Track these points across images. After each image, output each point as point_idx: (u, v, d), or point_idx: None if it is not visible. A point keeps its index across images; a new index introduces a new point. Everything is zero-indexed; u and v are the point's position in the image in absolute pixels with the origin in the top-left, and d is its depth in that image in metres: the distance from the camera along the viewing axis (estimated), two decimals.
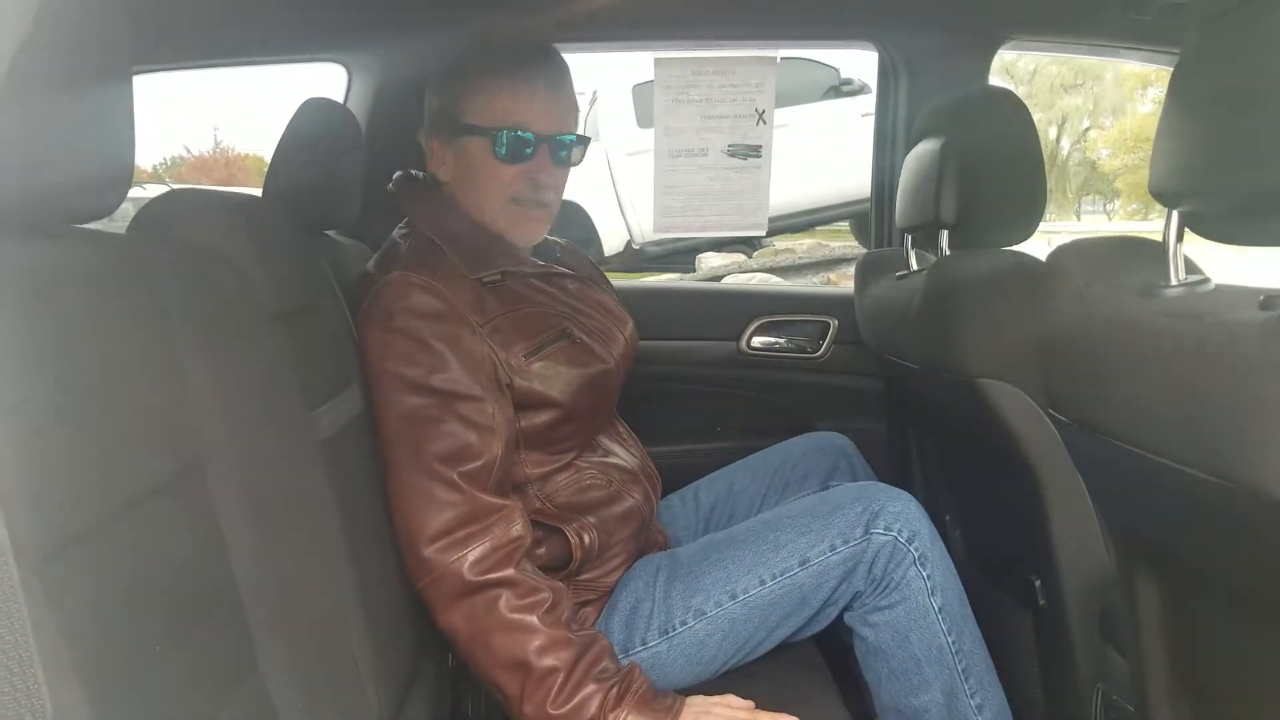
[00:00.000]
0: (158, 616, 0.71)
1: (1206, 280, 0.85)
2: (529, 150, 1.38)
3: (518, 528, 1.27)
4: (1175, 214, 0.85)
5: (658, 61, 2.01)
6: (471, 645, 1.24)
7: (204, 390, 0.84)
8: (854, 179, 6.43)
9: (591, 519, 1.41)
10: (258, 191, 1.52)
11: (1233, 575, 0.84)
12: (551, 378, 1.37)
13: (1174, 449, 0.77)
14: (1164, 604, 1.00)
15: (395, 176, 1.51)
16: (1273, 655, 0.84)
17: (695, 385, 2.16)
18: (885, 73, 2.09)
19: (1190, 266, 0.93)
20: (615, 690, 1.21)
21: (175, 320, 0.83)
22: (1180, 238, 0.86)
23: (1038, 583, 1.49)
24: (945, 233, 1.58)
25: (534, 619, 1.22)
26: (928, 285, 1.50)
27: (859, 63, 6.68)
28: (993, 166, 1.52)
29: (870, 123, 6.67)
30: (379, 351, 1.29)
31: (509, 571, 1.24)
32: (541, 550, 1.36)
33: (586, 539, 1.39)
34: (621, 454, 1.52)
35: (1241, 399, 0.67)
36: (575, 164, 1.45)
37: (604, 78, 6.35)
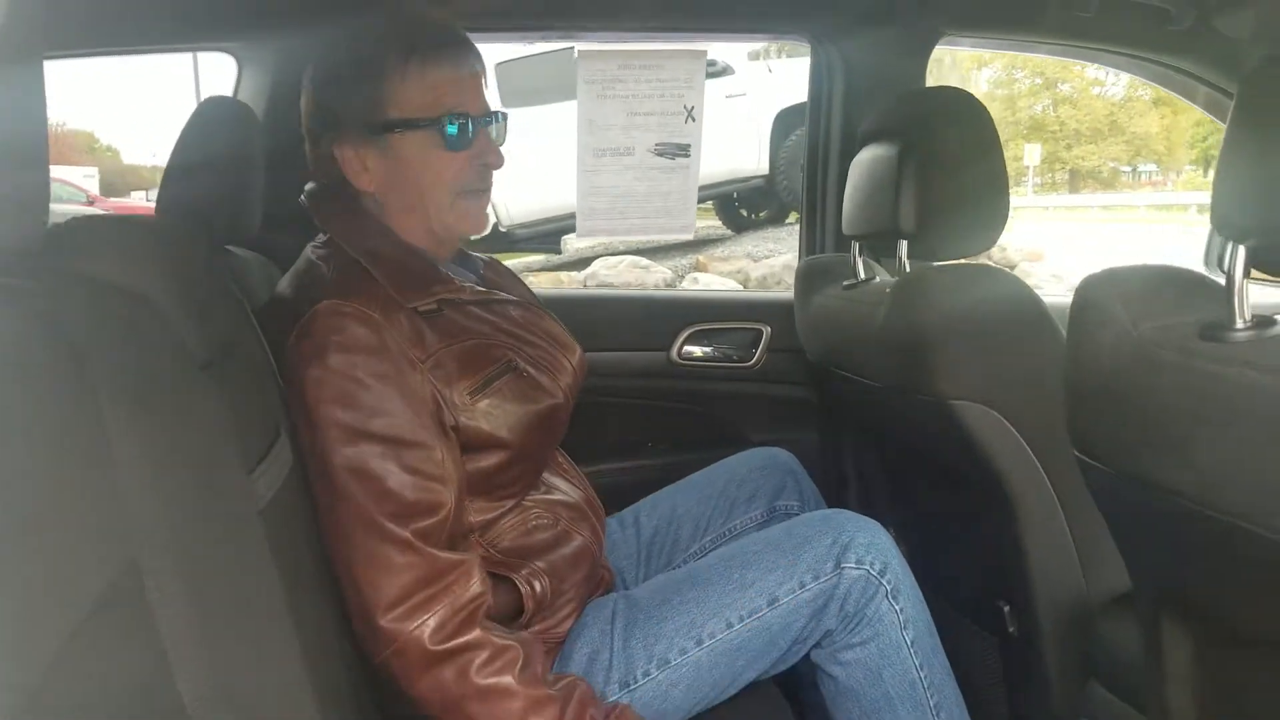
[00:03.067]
0: None
1: (1275, 322, 0.78)
2: (473, 135, 1.24)
3: (476, 584, 1.15)
4: (1242, 250, 0.79)
5: (581, 54, 1.88)
6: (447, 717, 1.13)
7: (135, 468, 0.69)
8: (719, 160, 6.51)
9: (540, 564, 1.30)
10: (81, 170, 1.33)
11: None
12: (499, 416, 1.24)
13: (1263, 516, 0.71)
14: (1198, 658, 0.95)
15: (309, 188, 1.32)
16: None
17: (624, 399, 2.06)
18: (819, 69, 2.01)
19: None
20: None
21: (100, 388, 0.67)
22: (1247, 274, 0.79)
23: (1006, 609, 1.45)
24: (904, 243, 1.51)
25: (510, 680, 1.12)
26: (898, 302, 1.42)
27: (720, 45, 6.70)
28: (955, 173, 1.46)
29: (734, 104, 6.72)
30: (313, 394, 1.13)
31: (475, 633, 1.13)
32: (490, 598, 1.23)
33: (538, 586, 1.27)
34: (565, 488, 1.40)
35: None
36: (503, 142, 1.32)
37: None
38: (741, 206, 7.80)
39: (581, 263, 7.12)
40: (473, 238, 1.38)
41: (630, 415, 2.07)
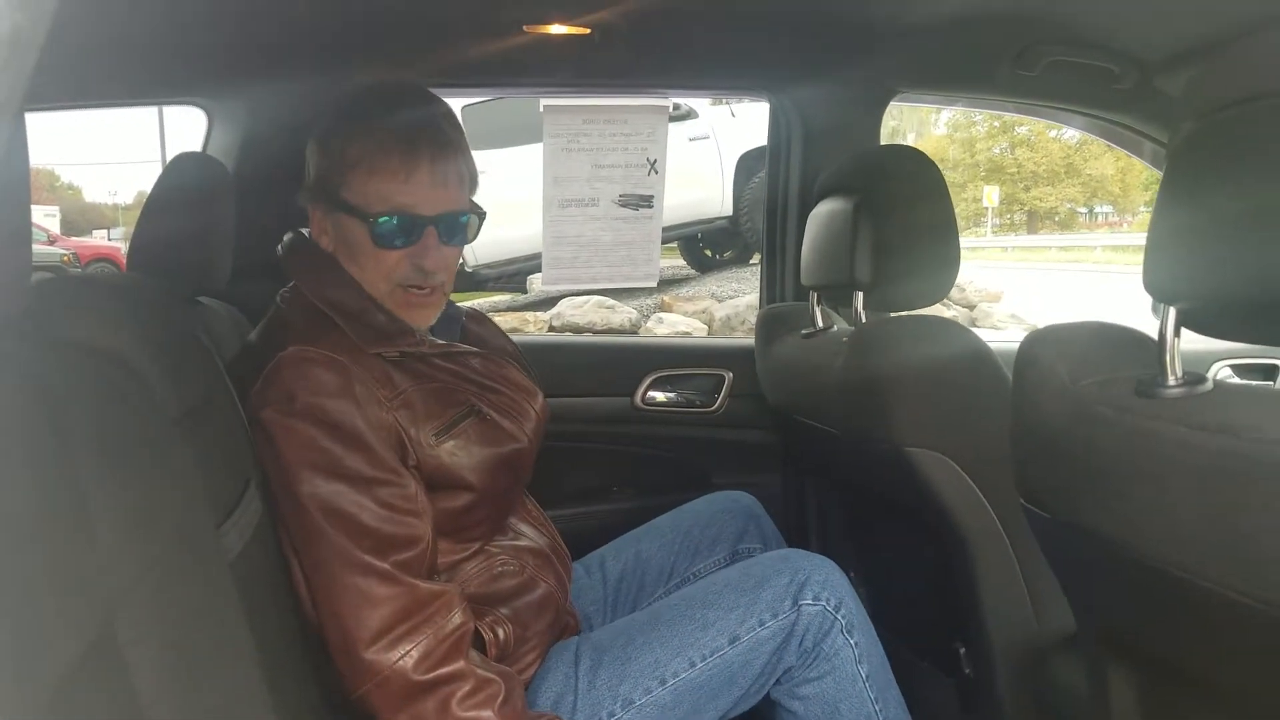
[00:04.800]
0: None
1: (1203, 380, 0.83)
2: (414, 236, 1.24)
3: (458, 615, 1.17)
4: (1172, 311, 0.83)
5: (546, 109, 1.92)
6: None
7: (111, 526, 0.71)
8: (683, 202, 6.60)
9: (505, 610, 1.31)
10: (43, 209, 1.34)
11: (1254, 687, 0.82)
12: (463, 457, 1.26)
13: (1208, 569, 0.74)
14: (1143, 698, 0.98)
15: (286, 238, 1.35)
16: None
17: (589, 444, 2.08)
18: (777, 124, 2.07)
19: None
20: None
21: (78, 448, 0.69)
22: (1177, 334, 0.83)
23: (962, 650, 1.48)
24: (860, 294, 1.56)
25: (490, 714, 1.13)
26: (854, 353, 1.47)
27: None
28: (908, 229, 1.51)
29: (698, 146, 6.80)
30: (283, 441, 1.15)
31: (459, 664, 1.14)
32: (473, 626, 1.25)
33: (501, 634, 1.29)
34: (531, 534, 1.42)
35: None
36: (470, 240, 1.32)
37: None
38: (706, 247, 7.89)
39: (547, 303, 7.15)
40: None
41: (595, 460, 2.10)
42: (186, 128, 1.94)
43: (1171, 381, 0.82)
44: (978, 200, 26.25)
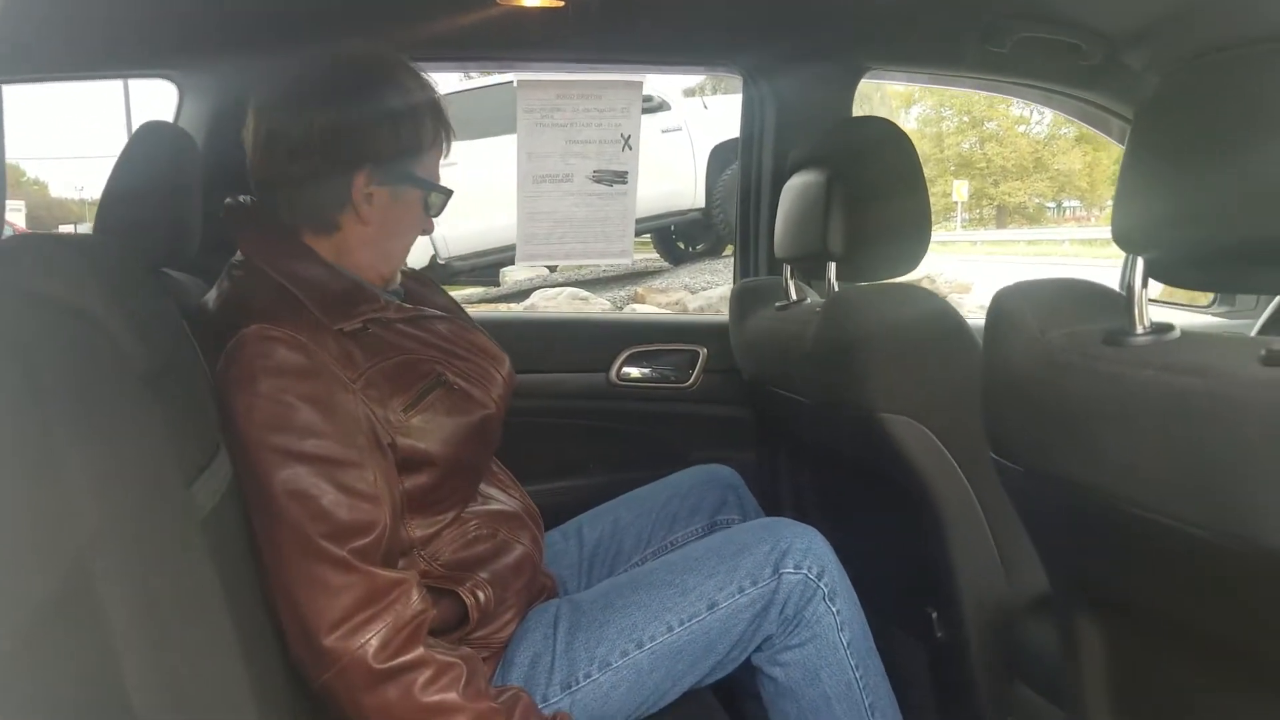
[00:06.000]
0: None
1: (1172, 327, 0.85)
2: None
3: (417, 601, 1.17)
4: (1140, 261, 0.85)
5: (520, 84, 1.92)
6: None
7: (81, 475, 0.71)
8: (657, 194, 6.61)
9: (484, 574, 1.31)
10: (9, 203, 1.32)
11: (1213, 624, 0.84)
12: (433, 431, 1.26)
13: (1169, 506, 0.76)
14: (1110, 647, 1.00)
15: (226, 203, 1.34)
16: (1240, 701, 0.85)
17: (566, 419, 2.08)
18: (751, 101, 2.08)
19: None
20: None
21: (48, 397, 0.69)
22: (1145, 284, 0.85)
23: (934, 615, 1.50)
24: (833, 265, 1.57)
25: (455, 696, 1.13)
26: (827, 321, 1.48)
27: (656, 80, 6.81)
28: (880, 199, 1.53)
29: (670, 138, 6.79)
30: (244, 419, 1.13)
31: (418, 651, 1.14)
32: (433, 614, 1.24)
33: (482, 596, 1.29)
34: (502, 498, 1.42)
35: (1267, 463, 0.66)
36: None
37: None
38: (679, 239, 7.90)
39: (520, 295, 7.14)
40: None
41: (571, 435, 2.10)
42: (154, 110, 1.91)
43: (1139, 330, 0.84)
44: (947, 195, 26.40)
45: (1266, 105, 0.72)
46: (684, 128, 7.14)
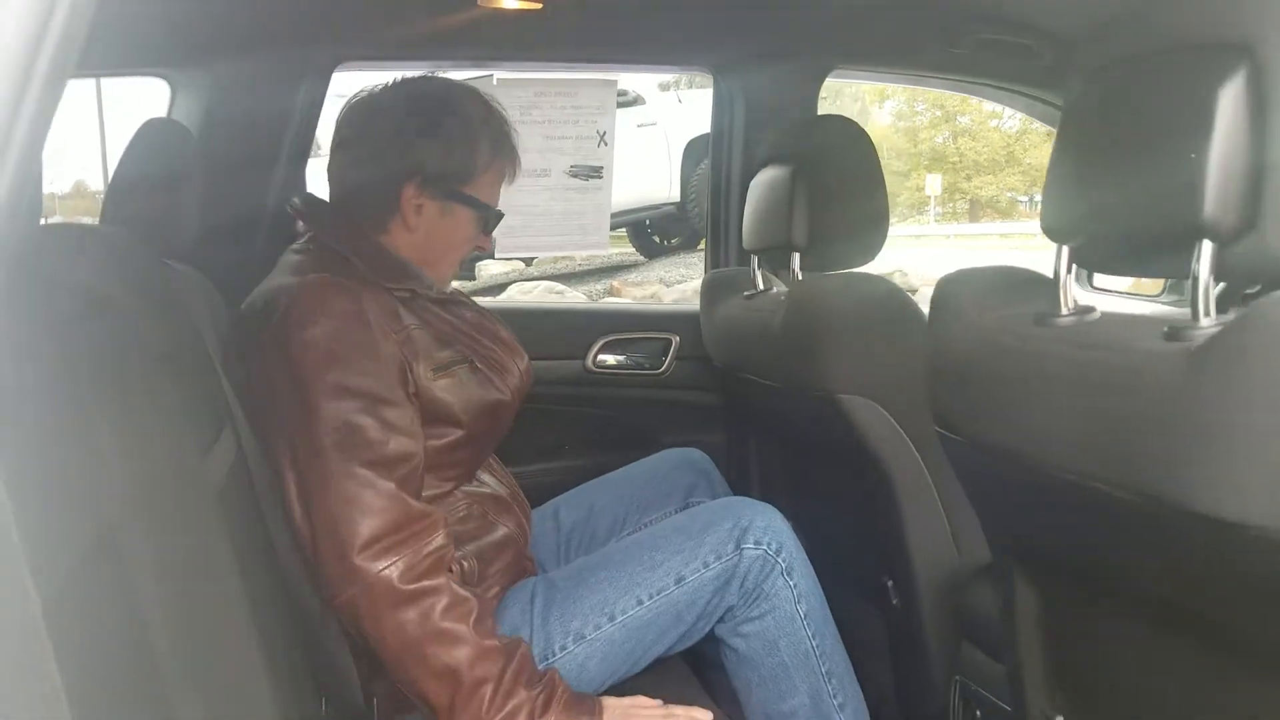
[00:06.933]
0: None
1: (1093, 310, 0.94)
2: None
3: (440, 537, 1.26)
4: (1065, 250, 0.94)
5: (500, 82, 2.00)
6: (403, 654, 1.22)
7: (112, 446, 0.79)
8: (632, 188, 6.66)
9: (470, 547, 1.40)
10: None
11: (1130, 577, 0.94)
12: (455, 395, 1.37)
13: (1087, 468, 0.85)
14: (1044, 604, 1.10)
15: (296, 201, 1.50)
16: (1160, 651, 0.95)
17: (543, 404, 2.16)
18: (721, 98, 2.17)
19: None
20: (542, 697, 1.23)
21: (81, 375, 0.77)
22: (1070, 270, 0.94)
23: (890, 583, 1.60)
24: (797, 255, 1.66)
25: (465, 628, 1.22)
26: (790, 307, 1.57)
27: (632, 75, 6.86)
28: (841, 192, 1.62)
29: (645, 133, 6.80)
30: (299, 354, 1.25)
31: (440, 579, 1.23)
32: (453, 553, 1.34)
33: (466, 566, 1.38)
34: (493, 483, 1.51)
35: (1166, 425, 0.75)
36: None
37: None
38: (654, 233, 7.96)
39: (497, 289, 7.19)
40: None
41: (549, 420, 2.18)
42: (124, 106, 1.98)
43: (1064, 312, 0.94)
44: (921, 189, 26.54)
45: (1164, 111, 0.81)
46: (659, 123, 7.19)
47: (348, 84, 1.69)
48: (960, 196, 30.12)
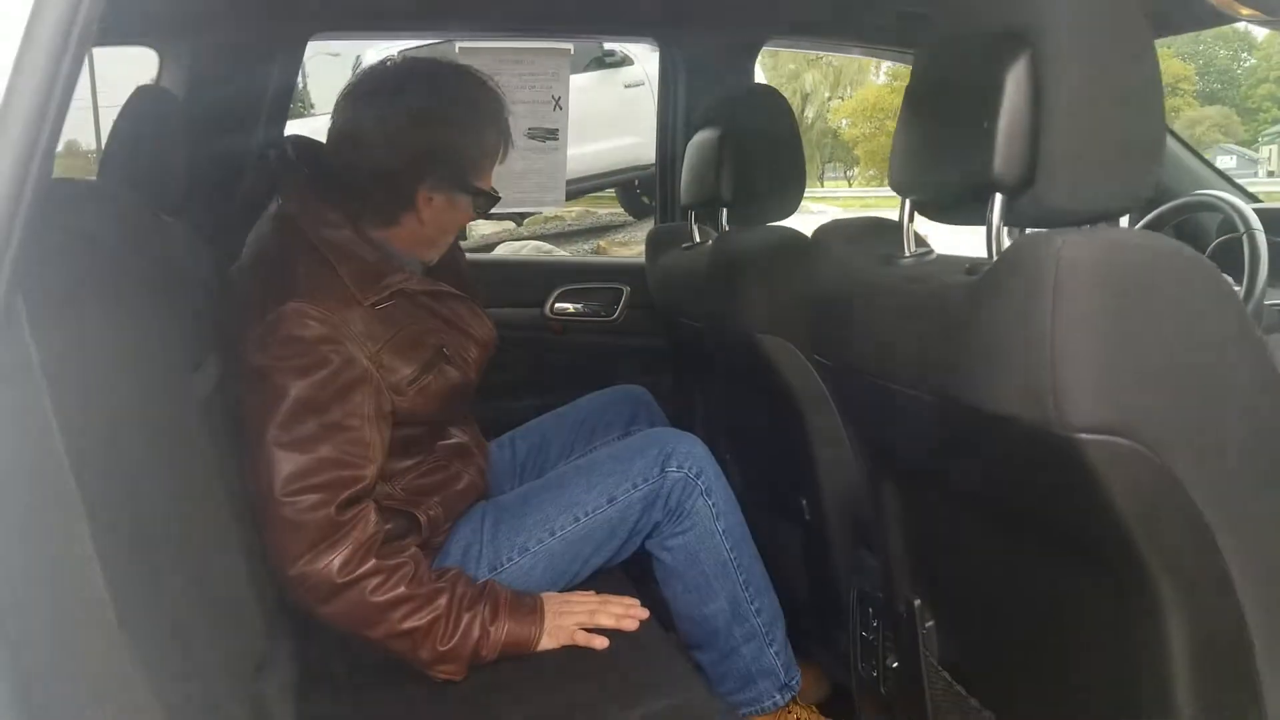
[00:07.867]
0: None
1: (931, 251, 1.13)
2: None
3: (373, 523, 1.36)
4: (907, 201, 1.12)
5: (462, 50, 2.17)
6: (355, 630, 1.35)
7: (114, 357, 0.96)
8: (619, 148, 6.64)
9: (436, 498, 1.53)
10: None
11: (954, 477, 1.13)
12: (431, 398, 1.47)
13: (909, 379, 1.05)
14: (904, 507, 1.28)
15: (270, 153, 1.56)
16: (983, 538, 1.14)
17: (505, 348, 2.32)
18: (666, 68, 2.35)
19: (920, 241, 1.22)
20: (487, 609, 1.38)
21: (85, 297, 0.94)
22: (911, 219, 1.12)
23: (804, 502, 1.78)
24: (725, 210, 1.85)
25: (404, 590, 1.33)
26: (712, 255, 1.76)
27: None
28: (762, 153, 1.80)
29: (634, 93, 6.75)
30: (274, 383, 1.33)
31: (371, 563, 1.33)
32: (389, 526, 1.43)
33: (433, 514, 1.51)
34: (457, 434, 1.63)
35: (954, 343, 0.94)
36: None
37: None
38: (643, 194, 7.97)
39: (487, 248, 7.28)
40: None
41: (511, 363, 2.33)
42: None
43: (907, 254, 1.13)
44: None
45: (967, 87, 0.97)
46: (646, 82, 7.18)
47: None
48: None
